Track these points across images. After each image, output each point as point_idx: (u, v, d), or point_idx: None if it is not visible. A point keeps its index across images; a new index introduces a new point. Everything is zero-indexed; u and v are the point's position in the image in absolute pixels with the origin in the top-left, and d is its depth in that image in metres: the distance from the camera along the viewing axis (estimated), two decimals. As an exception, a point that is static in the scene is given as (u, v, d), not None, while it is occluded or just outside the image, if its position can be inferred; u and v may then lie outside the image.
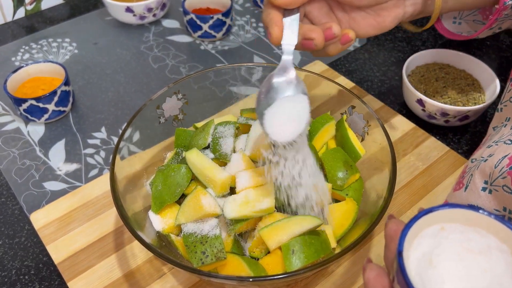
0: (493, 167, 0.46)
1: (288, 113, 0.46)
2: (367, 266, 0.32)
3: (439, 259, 0.29)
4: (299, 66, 0.87)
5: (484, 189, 0.47)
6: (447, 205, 0.31)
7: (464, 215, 0.31)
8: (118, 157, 0.53)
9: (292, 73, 0.48)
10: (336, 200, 0.58)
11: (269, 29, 0.46)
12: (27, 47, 0.92)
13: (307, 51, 0.50)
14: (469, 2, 0.57)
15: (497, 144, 0.49)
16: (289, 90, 0.47)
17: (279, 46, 0.48)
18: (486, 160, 0.47)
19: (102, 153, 0.73)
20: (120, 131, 0.63)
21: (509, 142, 0.48)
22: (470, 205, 0.32)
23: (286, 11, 0.47)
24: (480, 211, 0.31)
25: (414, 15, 0.55)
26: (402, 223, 0.32)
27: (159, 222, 0.54)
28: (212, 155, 0.58)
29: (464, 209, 0.31)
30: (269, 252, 0.51)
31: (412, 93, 0.72)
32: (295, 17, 0.46)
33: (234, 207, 0.50)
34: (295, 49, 0.49)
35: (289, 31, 0.47)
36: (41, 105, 0.73)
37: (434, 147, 0.70)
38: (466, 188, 0.50)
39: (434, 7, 0.55)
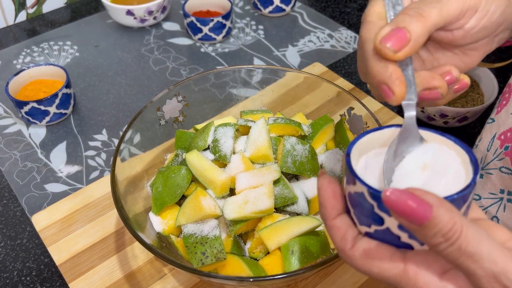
0: (485, 151, 0.46)
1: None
2: (321, 176, 0.33)
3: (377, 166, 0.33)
4: (298, 68, 0.87)
5: None
6: (395, 125, 0.34)
7: (411, 134, 0.33)
8: (118, 159, 0.54)
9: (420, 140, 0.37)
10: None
11: (391, 86, 0.36)
12: (28, 50, 0.93)
13: (427, 103, 0.43)
14: None
15: (484, 129, 0.49)
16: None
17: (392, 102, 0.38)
18: (477, 146, 0.47)
19: (103, 155, 0.73)
20: (121, 133, 0.63)
21: (490, 120, 0.48)
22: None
23: (400, 62, 0.38)
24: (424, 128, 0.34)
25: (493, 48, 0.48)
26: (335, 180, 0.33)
27: (160, 223, 0.54)
28: (212, 157, 0.58)
29: (393, 128, 0.34)
30: (268, 253, 0.51)
31: (411, 95, 0.72)
32: (411, 67, 0.38)
33: (234, 208, 0.50)
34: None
35: (408, 85, 0.38)
36: (42, 107, 0.73)
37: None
38: None
39: None
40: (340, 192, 0.32)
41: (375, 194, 0.29)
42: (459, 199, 0.28)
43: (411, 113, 0.36)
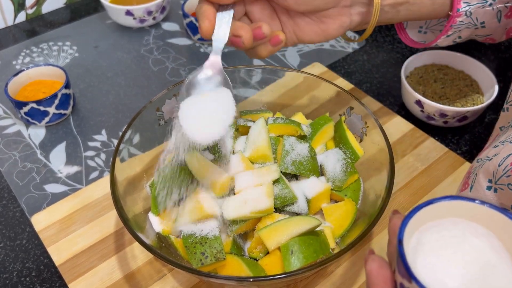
0: (496, 165, 0.46)
1: (209, 110, 0.46)
2: (369, 258, 0.32)
3: (428, 246, 0.31)
4: (298, 68, 0.87)
5: (489, 188, 0.47)
6: (448, 196, 0.32)
7: (463, 207, 0.32)
8: (118, 160, 0.54)
9: (218, 72, 0.48)
10: (335, 201, 0.58)
11: (200, 22, 0.46)
12: (28, 51, 0.93)
13: (236, 48, 0.50)
14: (423, 12, 0.55)
15: (503, 144, 0.49)
16: (210, 85, 0.48)
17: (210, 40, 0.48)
18: (491, 159, 0.47)
19: (103, 156, 0.73)
20: (121, 134, 0.63)
21: None
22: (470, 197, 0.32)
23: (221, 7, 0.47)
24: (477, 201, 0.31)
25: (362, 24, 0.53)
26: None
27: (159, 223, 0.54)
28: (211, 157, 0.58)
29: (463, 200, 0.32)
30: (268, 253, 0.51)
31: (411, 94, 0.72)
32: (229, 14, 0.46)
33: (233, 208, 0.50)
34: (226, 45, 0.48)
35: (221, 28, 0.46)
36: (42, 108, 0.73)
37: (433, 148, 0.70)
38: (471, 188, 0.50)
39: (372, 18, 0.52)
40: (391, 278, 0.31)
41: None
42: None
43: (216, 56, 0.47)
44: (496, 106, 0.76)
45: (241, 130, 0.62)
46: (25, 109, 0.73)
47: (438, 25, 0.63)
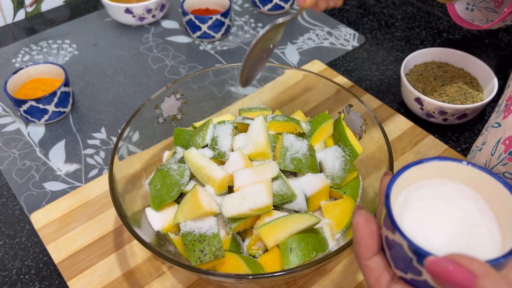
0: (489, 155, 0.45)
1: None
2: (357, 212, 0.33)
3: (416, 205, 0.32)
4: (297, 66, 0.87)
5: None
6: (437, 157, 0.32)
7: (451, 168, 0.32)
8: (116, 157, 0.54)
9: None
10: (334, 198, 0.58)
11: None
12: (27, 49, 0.93)
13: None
14: None
15: (487, 130, 0.49)
16: None
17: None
18: (481, 149, 0.47)
19: (102, 154, 0.73)
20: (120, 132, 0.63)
21: (496, 125, 0.48)
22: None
23: None
24: (465, 162, 0.32)
25: None
26: None
27: (158, 221, 0.54)
28: (210, 154, 0.58)
29: (452, 161, 0.32)
30: (267, 250, 0.51)
31: (411, 92, 0.72)
32: None
33: (232, 206, 0.50)
34: None
35: None
36: (41, 106, 0.73)
37: (432, 145, 0.70)
38: None
39: None
40: (377, 232, 0.32)
41: (416, 250, 0.28)
42: (503, 263, 0.27)
43: None
44: (496, 104, 0.76)
45: (240, 128, 0.62)
46: (25, 107, 0.73)
47: (484, 2, 0.63)
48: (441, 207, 0.31)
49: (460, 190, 0.32)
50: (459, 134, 0.74)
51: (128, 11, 0.93)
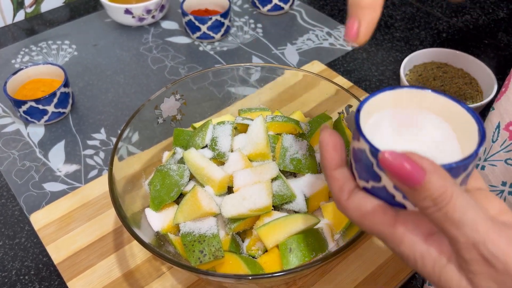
0: (490, 142, 0.45)
1: None
2: (323, 129, 0.34)
3: (385, 126, 0.34)
4: (297, 66, 0.87)
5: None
6: (407, 86, 0.34)
7: (420, 96, 0.34)
8: (116, 158, 0.54)
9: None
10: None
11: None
12: (27, 50, 0.93)
13: None
14: None
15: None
16: None
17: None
18: None
19: (102, 154, 0.73)
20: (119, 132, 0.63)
21: (491, 109, 0.48)
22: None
23: None
24: (430, 90, 0.34)
25: None
26: (336, 134, 0.34)
27: (158, 221, 0.54)
28: (210, 155, 0.58)
29: (409, 89, 0.34)
30: (266, 251, 0.51)
31: (410, 92, 0.72)
32: None
33: (232, 206, 0.50)
34: None
35: None
36: (40, 106, 0.73)
37: (432, 145, 0.70)
38: None
39: None
40: (341, 145, 0.34)
41: (376, 152, 0.30)
42: (458, 168, 0.29)
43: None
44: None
45: (240, 128, 0.62)
46: (24, 107, 0.73)
47: None
48: (409, 130, 0.33)
49: (427, 117, 0.34)
50: (458, 135, 0.74)
51: (127, 11, 0.93)
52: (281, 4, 0.99)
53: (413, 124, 0.34)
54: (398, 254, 0.31)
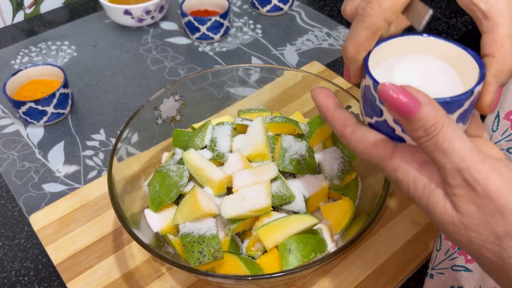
0: (490, 131, 0.45)
1: None
2: (313, 88, 0.38)
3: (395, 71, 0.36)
4: (296, 67, 0.87)
5: None
6: (401, 34, 0.37)
7: (424, 42, 0.36)
8: (115, 159, 0.54)
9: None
10: (333, 199, 0.58)
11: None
12: (26, 50, 0.93)
13: None
14: None
15: None
16: None
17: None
18: None
19: (101, 155, 0.73)
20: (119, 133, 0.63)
21: None
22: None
23: None
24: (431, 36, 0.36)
25: None
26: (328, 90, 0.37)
27: (157, 222, 0.54)
28: (209, 155, 0.58)
29: (418, 36, 0.36)
30: (266, 251, 0.51)
31: (409, 93, 0.72)
32: None
33: (231, 207, 0.50)
34: None
35: None
36: (40, 107, 0.73)
37: (431, 146, 0.70)
38: None
39: None
40: (332, 93, 0.37)
41: (377, 86, 0.32)
42: (452, 103, 0.31)
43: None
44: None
45: (239, 129, 0.62)
46: (24, 108, 0.73)
47: None
48: (416, 73, 0.35)
49: (434, 61, 0.36)
50: (458, 135, 0.74)
51: (127, 12, 0.93)
52: (281, 5, 0.99)
53: (420, 68, 0.35)
54: (394, 181, 0.33)
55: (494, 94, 0.34)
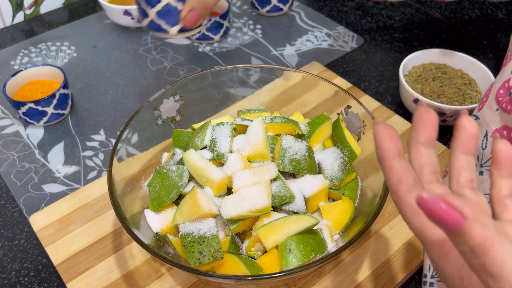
0: (480, 149, 0.46)
1: None
2: (375, 122, 0.33)
3: None
4: (296, 67, 0.87)
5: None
6: None
7: None
8: (115, 159, 0.54)
9: None
10: (332, 200, 0.58)
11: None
12: (26, 51, 0.93)
13: None
14: None
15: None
16: None
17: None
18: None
19: (101, 155, 0.73)
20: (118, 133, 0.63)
21: (474, 117, 0.48)
22: None
23: None
24: None
25: None
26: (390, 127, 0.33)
27: (157, 222, 0.54)
28: (209, 156, 0.58)
29: None
30: (266, 252, 0.51)
31: (409, 93, 0.72)
32: None
33: (231, 207, 0.50)
34: None
35: None
36: (40, 108, 0.73)
37: (431, 146, 0.70)
38: None
39: None
40: (396, 135, 0.32)
41: None
42: None
43: None
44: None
45: (239, 129, 0.62)
46: (23, 109, 0.73)
47: None
48: None
49: None
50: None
51: (126, 13, 0.93)
52: (280, 5, 0.99)
53: None
54: (437, 266, 0.30)
55: None
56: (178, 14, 0.52)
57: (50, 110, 0.75)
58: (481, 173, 0.47)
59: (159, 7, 0.44)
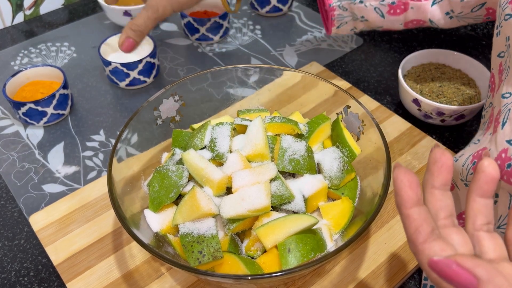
0: (461, 165, 0.46)
1: None
2: (396, 166, 0.33)
3: None
4: (295, 67, 0.87)
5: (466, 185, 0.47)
6: None
7: None
8: (115, 159, 0.54)
9: None
10: (332, 199, 0.58)
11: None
12: (26, 52, 0.93)
13: None
14: None
15: (469, 146, 0.49)
16: None
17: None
18: (457, 159, 0.48)
19: (101, 156, 0.73)
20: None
21: (477, 141, 0.48)
22: None
23: None
24: None
25: None
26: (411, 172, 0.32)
27: (157, 222, 0.54)
28: (209, 156, 0.58)
29: None
30: (265, 251, 0.51)
31: (408, 93, 0.72)
32: None
33: (230, 207, 0.50)
34: None
35: None
36: (40, 108, 0.74)
37: (430, 146, 0.70)
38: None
39: None
40: (417, 183, 0.32)
41: None
42: None
43: None
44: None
45: (238, 129, 0.63)
46: (23, 109, 0.73)
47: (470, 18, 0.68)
48: None
49: None
50: (456, 135, 0.74)
51: (126, 13, 0.93)
52: (280, 6, 0.99)
53: None
54: None
55: None
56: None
57: (50, 110, 0.75)
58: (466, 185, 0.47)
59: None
